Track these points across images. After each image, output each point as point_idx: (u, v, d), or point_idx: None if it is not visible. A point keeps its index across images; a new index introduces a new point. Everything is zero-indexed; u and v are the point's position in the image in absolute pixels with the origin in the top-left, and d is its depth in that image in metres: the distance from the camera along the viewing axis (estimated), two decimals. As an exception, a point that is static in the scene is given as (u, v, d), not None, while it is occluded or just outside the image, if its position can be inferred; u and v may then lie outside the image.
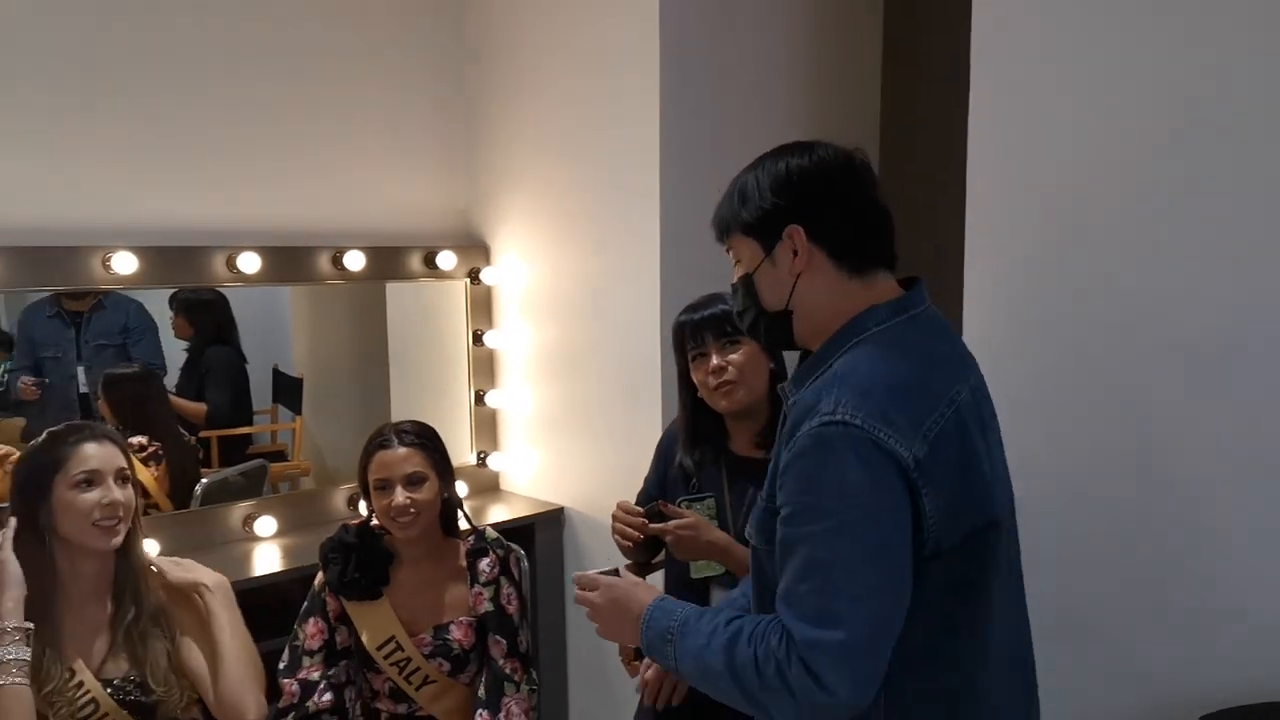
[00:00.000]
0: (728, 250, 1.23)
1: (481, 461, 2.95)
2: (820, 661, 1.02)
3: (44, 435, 1.65)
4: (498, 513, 2.78)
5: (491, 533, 1.96)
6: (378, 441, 1.88)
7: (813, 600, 1.04)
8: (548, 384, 2.83)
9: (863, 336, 1.14)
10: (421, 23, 2.80)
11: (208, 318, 2.69)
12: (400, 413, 3.01)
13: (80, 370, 2.53)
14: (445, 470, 1.90)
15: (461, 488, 2.86)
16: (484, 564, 1.90)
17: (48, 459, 1.61)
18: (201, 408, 2.79)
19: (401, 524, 1.83)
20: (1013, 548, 1.20)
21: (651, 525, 1.69)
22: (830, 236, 1.15)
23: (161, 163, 2.36)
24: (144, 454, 2.66)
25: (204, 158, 2.43)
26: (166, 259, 2.36)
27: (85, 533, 1.60)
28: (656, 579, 1.88)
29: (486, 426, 2.97)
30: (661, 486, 1.85)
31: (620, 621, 1.25)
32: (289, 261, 2.56)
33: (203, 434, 2.75)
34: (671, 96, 2.34)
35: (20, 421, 2.48)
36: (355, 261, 2.63)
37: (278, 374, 2.99)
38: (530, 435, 2.91)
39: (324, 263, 2.63)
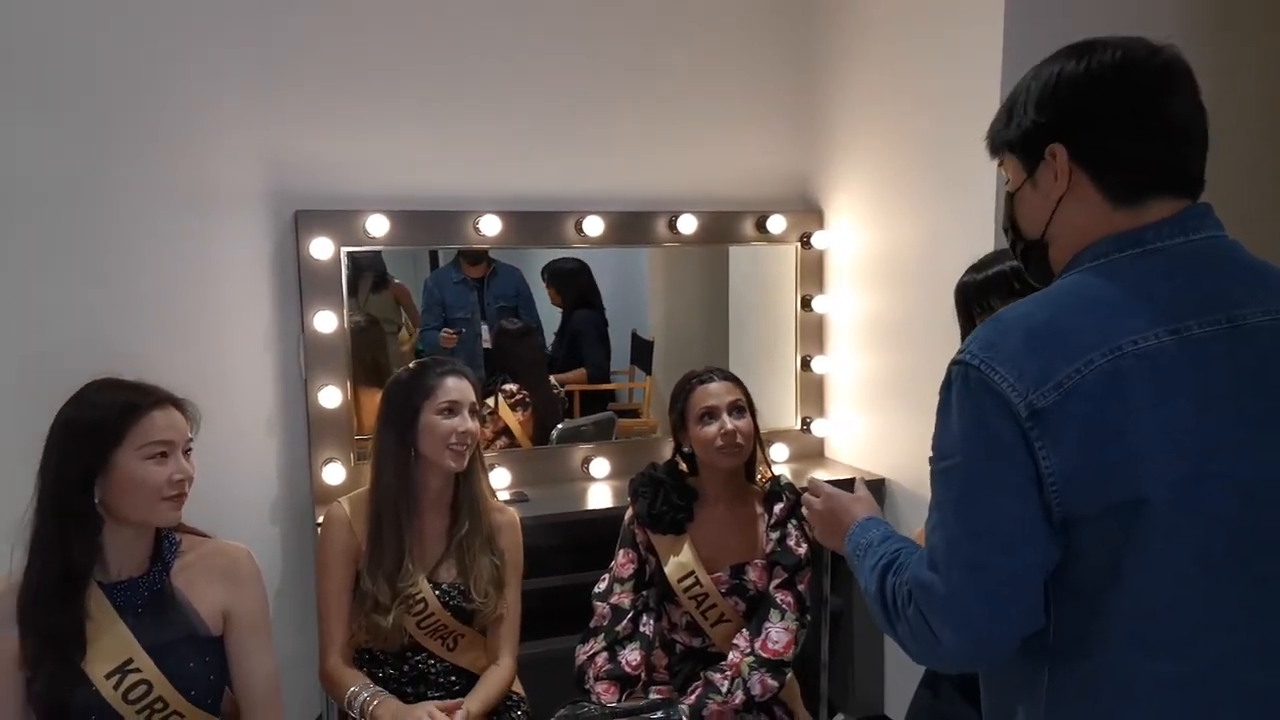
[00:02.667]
0: (1000, 166, 1.12)
1: (805, 427, 2.95)
2: (925, 604, 1.00)
3: (414, 364, 1.92)
4: (819, 478, 2.75)
5: (786, 478, 1.97)
6: (696, 379, 1.97)
7: (929, 539, 1.01)
8: (875, 352, 2.75)
9: (1073, 271, 1.03)
10: (762, -9, 2.86)
11: (574, 284, 2.98)
12: (737, 373, 3.11)
13: (484, 328, 2.94)
14: (755, 411, 1.95)
15: (783, 450, 2.90)
16: (777, 508, 1.92)
17: (419, 385, 1.86)
18: (580, 374, 3.10)
19: (729, 451, 1.89)
20: (1200, 527, 0.95)
21: None
22: (1097, 156, 1.01)
23: (522, 136, 2.65)
24: (513, 399, 3.01)
25: (556, 130, 2.68)
26: (523, 222, 2.65)
27: (440, 453, 1.84)
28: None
29: (812, 392, 2.96)
30: None
31: (832, 530, 1.30)
32: (629, 225, 2.75)
33: (569, 388, 3.07)
34: (1016, 56, 2.17)
35: None
36: (688, 225, 2.76)
37: (635, 337, 3.23)
38: (855, 403, 2.85)
39: (661, 227, 2.78)
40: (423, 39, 2.54)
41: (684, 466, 2.02)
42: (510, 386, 2.98)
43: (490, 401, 2.95)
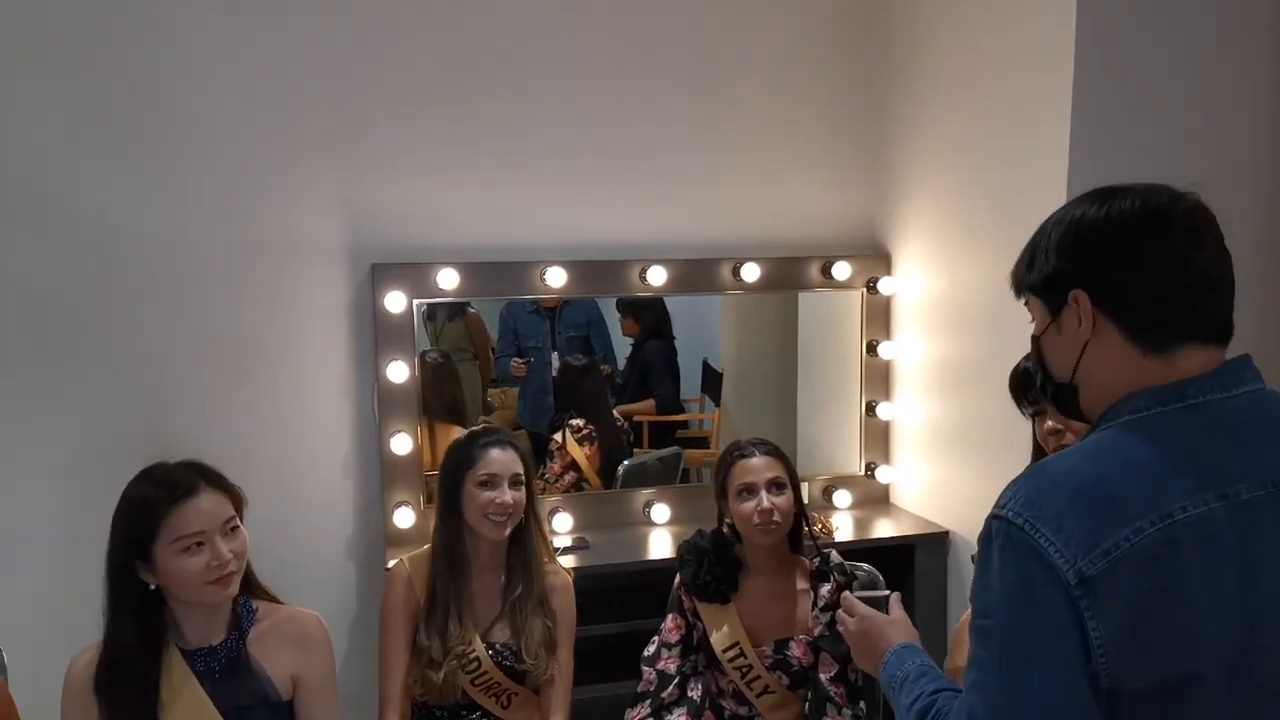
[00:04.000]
0: (1025, 305, 1.11)
1: (869, 473, 2.94)
2: None
3: (465, 434, 2.01)
4: (882, 528, 2.75)
5: (836, 557, 1.97)
6: (737, 452, 1.99)
7: (967, 697, 0.99)
8: (940, 398, 2.72)
9: (1111, 424, 1.00)
10: (828, 32, 2.84)
11: (646, 315, 3.04)
12: (805, 416, 3.13)
13: (554, 356, 3.03)
14: (797, 485, 1.96)
15: (845, 497, 2.90)
16: (824, 589, 1.92)
17: (464, 456, 1.95)
18: (648, 405, 3.15)
19: (765, 529, 1.91)
20: (1251, 703, 0.94)
21: None
22: (1120, 305, 1.00)
23: (588, 186, 2.71)
24: (580, 434, 3.09)
25: (621, 179, 2.73)
26: (589, 271, 2.70)
27: (480, 523, 1.92)
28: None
29: (877, 438, 2.94)
30: None
31: (866, 655, 1.31)
32: (693, 273, 2.78)
33: (637, 418, 3.12)
34: (1085, 108, 2.13)
35: (514, 390, 3.06)
36: (751, 273, 2.77)
37: (706, 367, 3.26)
38: (920, 450, 2.83)
39: (725, 274, 2.80)
40: (492, 94, 2.62)
41: (728, 532, 2.04)
42: (577, 421, 3.05)
43: (558, 437, 3.03)
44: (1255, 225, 2.25)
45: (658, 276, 2.71)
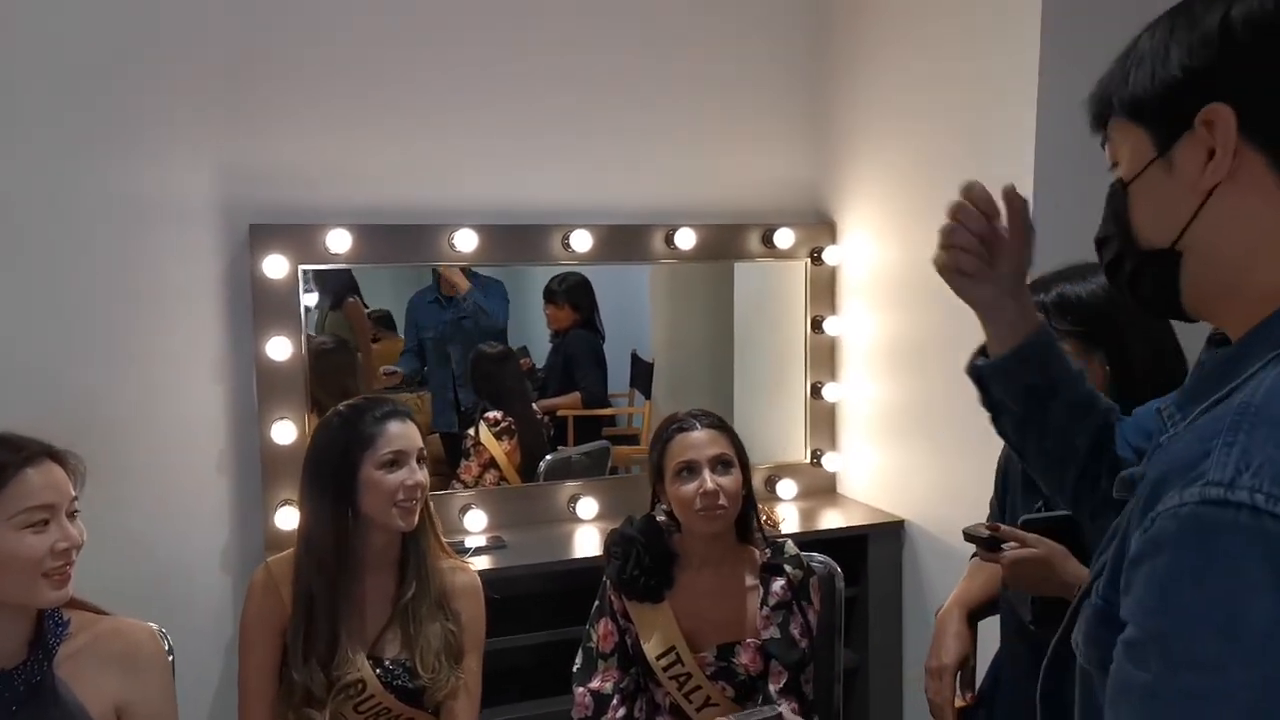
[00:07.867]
0: (1103, 145, 0.79)
1: (815, 460, 2.69)
2: None
3: (344, 407, 1.65)
4: (830, 519, 2.51)
5: (791, 548, 1.69)
6: (676, 426, 1.71)
7: None
8: (894, 379, 2.49)
9: None
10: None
11: (575, 302, 2.76)
12: (742, 403, 2.87)
13: (452, 349, 2.71)
14: (746, 463, 1.69)
15: (790, 487, 2.65)
16: (777, 585, 1.64)
17: (356, 435, 1.59)
18: (574, 398, 2.87)
19: (710, 515, 1.63)
20: None
21: (983, 556, 1.33)
22: None
23: (504, 144, 2.41)
24: (498, 428, 2.78)
25: (541, 137, 2.44)
26: (505, 237, 2.40)
27: (387, 512, 1.57)
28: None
29: (823, 422, 2.70)
30: (1002, 510, 1.48)
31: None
32: (622, 240, 2.50)
33: (561, 413, 2.83)
34: (1055, 54, 1.92)
35: (428, 396, 2.73)
36: (686, 240, 2.51)
37: (635, 358, 3.00)
38: (871, 435, 2.59)
39: (658, 242, 2.53)
40: (390, 38, 2.31)
41: (663, 520, 1.75)
42: (493, 414, 2.75)
43: (472, 432, 2.72)
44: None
45: (582, 242, 2.42)
